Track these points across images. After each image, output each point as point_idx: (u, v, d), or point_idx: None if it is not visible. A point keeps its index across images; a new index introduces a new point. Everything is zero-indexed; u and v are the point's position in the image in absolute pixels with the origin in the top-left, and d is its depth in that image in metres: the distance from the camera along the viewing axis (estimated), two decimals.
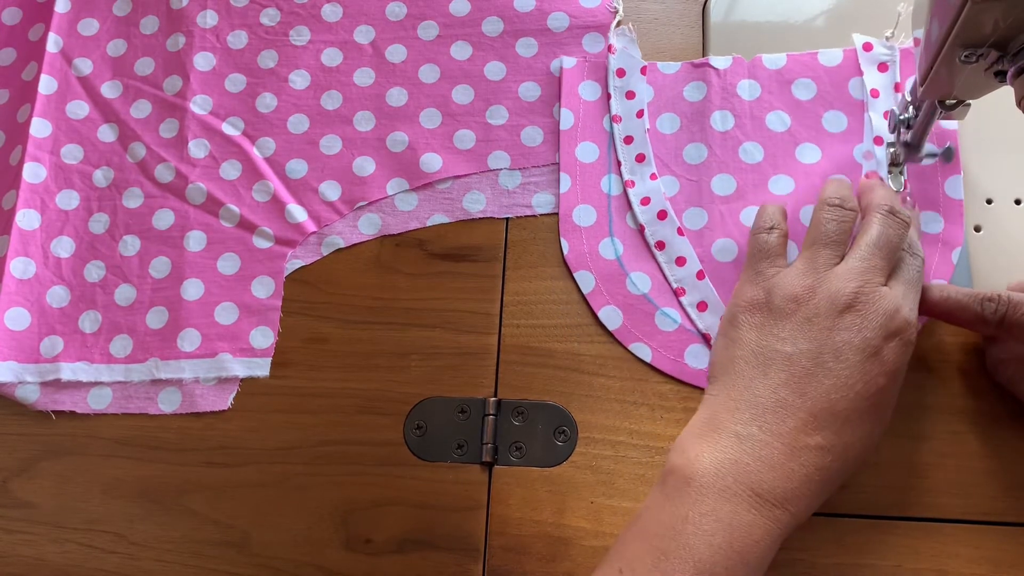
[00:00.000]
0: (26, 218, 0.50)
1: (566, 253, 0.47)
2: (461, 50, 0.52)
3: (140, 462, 0.46)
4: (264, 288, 0.48)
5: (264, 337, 0.47)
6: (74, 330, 0.48)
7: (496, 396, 0.45)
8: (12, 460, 0.47)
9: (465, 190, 0.49)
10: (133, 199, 0.51)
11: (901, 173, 0.45)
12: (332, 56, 0.53)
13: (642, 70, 0.49)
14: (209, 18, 0.54)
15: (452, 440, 0.44)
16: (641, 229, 0.47)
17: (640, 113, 0.48)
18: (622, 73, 0.49)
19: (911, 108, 0.41)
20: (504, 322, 0.46)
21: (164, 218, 0.50)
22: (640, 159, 0.48)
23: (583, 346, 0.45)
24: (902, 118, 0.42)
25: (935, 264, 0.43)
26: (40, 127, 0.52)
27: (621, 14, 0.51)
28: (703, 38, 0.51)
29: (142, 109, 0.53)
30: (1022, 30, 0.31)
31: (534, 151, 0.49)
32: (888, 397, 0.37)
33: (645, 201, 0.47)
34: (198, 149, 0.51)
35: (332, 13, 0.54)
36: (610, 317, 0.45)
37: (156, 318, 0.48)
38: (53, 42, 0.54)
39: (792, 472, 0.35)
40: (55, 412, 0.47)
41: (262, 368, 0.47)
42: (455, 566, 0.42)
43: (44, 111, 0.53)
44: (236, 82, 0.53)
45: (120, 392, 0.47)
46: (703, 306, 0.44)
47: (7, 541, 0.45)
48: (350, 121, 0.51)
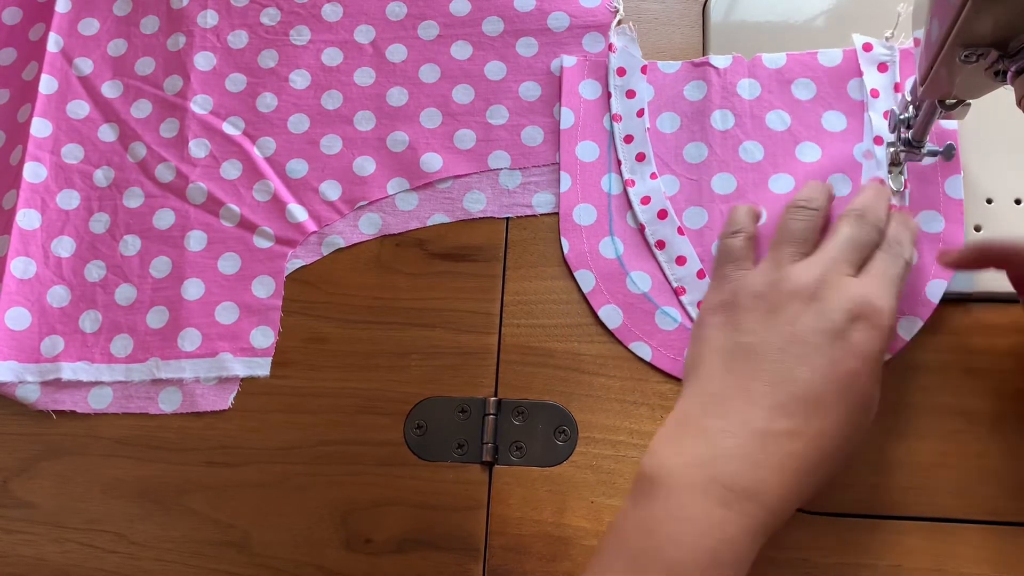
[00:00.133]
0: (26, 218, 0.50)
1: (566, 252, 0.47)
2: (461, 50, 0.52)
3: (140, 462, 0.46)
4: (264, 288, 0.48)
5: (264, 337, 0.47)
6: (74, 330, 0.48)
7: (496, 396, 0.45)
8: (12, 460, 0.47)
9: (465, 190, 0.49)
10: (134, 199, 0.51)
11: (901, 173, 0.45)
12: (332, 56, 0.53)
13: (642, 69, 0.49)
14: (209, 18, 0.54)
15: (452, 440, 0.44)
16: (641, 228, 0.47)
17: (640, 112, 0.48)
18: (622, 72, 0.49)
19: (911, 108, 0.41)
20: (504, 322, 0.46)
21: (164, 218, 0.50)
22: (640, 158, 0.48)
23: (583, 346, 0.45)
24: (902, 118, 0.42)
25: (935, 264, 0.43)
26: (40, 127, 0.52)
27: (621, 13, 0.51)
28: (703, 38, 0.51)
29: (142, 109, 0.53)
30: (1022, 30, 0.31)
31: (534, 151, 0.49)
32: (864, 383, 0.35)
33: (645, 200, 0.47)
34: (198, 149, 0.51)
35: (332, 13, 0.54)
36: (610, 316, 0.45)
37: (156, 318, 0.48)
38: (53, 42, 0.54)
39: (760, 461, 0.33)
40: (55, 412, 0.47)
41: (262, 368, 0.47)
42: (455, 566, 0.42)
43: (44, 111, 0.53)
44: (236, 82, 0.53)
45: (120, 392, 0.47)
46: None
47: (7, 541, 0.45)
48: (350, 121, 0.51)
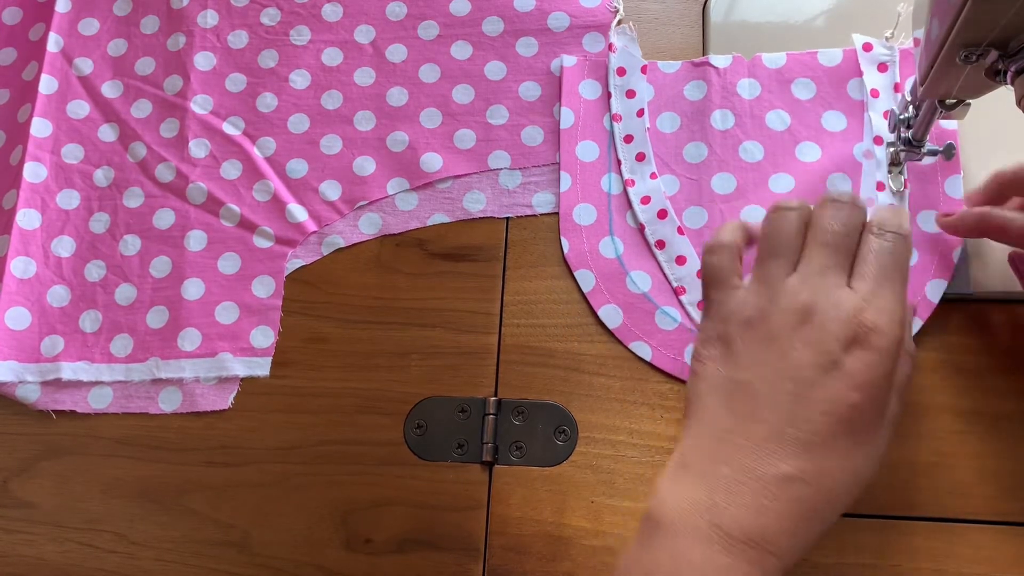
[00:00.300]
0: (27, 218, 0.50)
1: (566, 252, 0.47)
2: (461, 50, 0.52)
3: (140, 462, 0.46)
4: (264, 288, 0.48)
5: (264, 337, 0.47)
6: (75, 330, 0.48)
7: (496, 396, 0.45)
8: (12, 460, 0.47)
9: (465, 190, 0.49)
10: (134, 199, 0.51)
11: (901, 173, 0.45)
12: (332, 56, 0.53)
13: (642, 69, 0.49)
14: (210, 18, 0.54)
15: (452, 440, 0.44)
16: (641, 228, 0.47)
17: (640, 112, 0.49)
18: (622, 72, 0.49)
19: (911, 108, 0.41)
20: (504, 322, 0.46)
21: (165, 218, 0.50)
22: (640, 158, 0.48)
23: (583, 346, 0.45)
24: (902, 118, 0.42)
25: (935, 264, 0.43)
26: (41, 127, 0.52)
27: (621, 13, 0.51)
28: (703, 38, 0.51)
29: (143, 109, 0.53)
30: (1022, 30, 0.31)
31: (534, 151, 0.49)
32: (867, 416, 0.33)
33: (645, 200, 0.47)
34: (199, 149, 0.51)
35: (332, 13, 0.54)
36: (610, 316, 0.45)
37: (156, 317, 0.48)
38: (54, 42, 0.54)
39: (764, 507, 0.32)
40: (55, 412, 0.47)
41: (262, 368, 0.47)
42: (455, 566, 0.42)
43: (45, 111, 0.53)
44: (236, 82, 0.53)
45: (120, 391, 0.47)
46: (703, 305, 0.44)
47: (7, 541, 0.45)
48: (350, 121, 0.51)
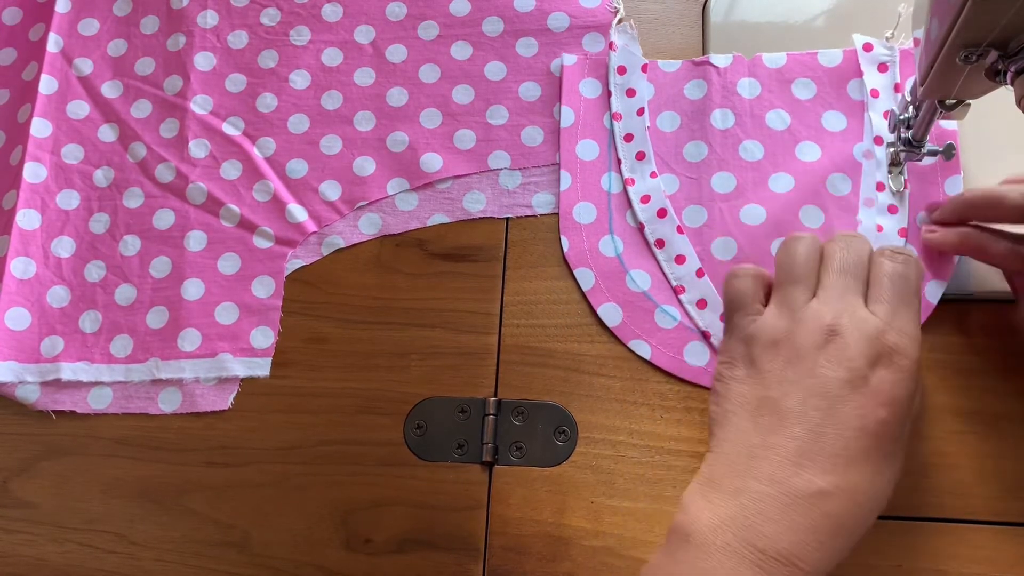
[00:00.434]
0: (26, 218, 0.50)
1: (566, 250, 0.47)
2: (461, 50, 0.52)
3: (140, 462, 0.46)
4: (264, 288, 0.48)
5: (264, 337, 0.47)
6: (74, 330, 0.48)
7: (496, 396, 0.45)
8: (12, 460, 0.47)
9: (465, 190, 0.49)
10: (133, 199, 0.51)
11: (901, 173, 0.45)
12: (332, 56, 0.53)
13: (643, 68, 0.49)
14: (209, 18, 0.54)
15: (452, 440, 0.44)
16: (641, 227, 0.47)
17: (641, 111, 0.49)
18: (623, 70, 0.49)
19: (911, 108, 0.41)
20: (504, 322, 0.46)
21: (164, 218, 0.50)
22: (640, 157, 0.48)
23: (583, 346, 0.45)
24: (902, 118, 0.42)
25: (935, 264, 0.43)
26: (40, 127, 0.52)
27: (622, 13, 0.51)
28: (703, 38, 0.51)
29: (142, 109, 0.53)
30: (1022, 30, 0.31)
31: (534, 151, 0.49)
32: (894, 430, 0.34)
33: (645, 199, 0.47)
34: (198, 149, 0.51)
35: (332, 13, 0.54)
36: (609, 314, 0.45)
37: (156, 318, 0.48)
38: (53, 42, 0.54)
39: (795, 523, 0.32)
40: (55, 412, 0.47)
41: (262, 368, 0.47)
42: (455, 566, 0.42)
43: (44, 111, 0.53)
44: (236, 82, 0.53)
45: (120, 392, 0.47)
46: (702, 304, 0.44)
47: (7, 541, 0.45)
48: (350, 121, 0.51)
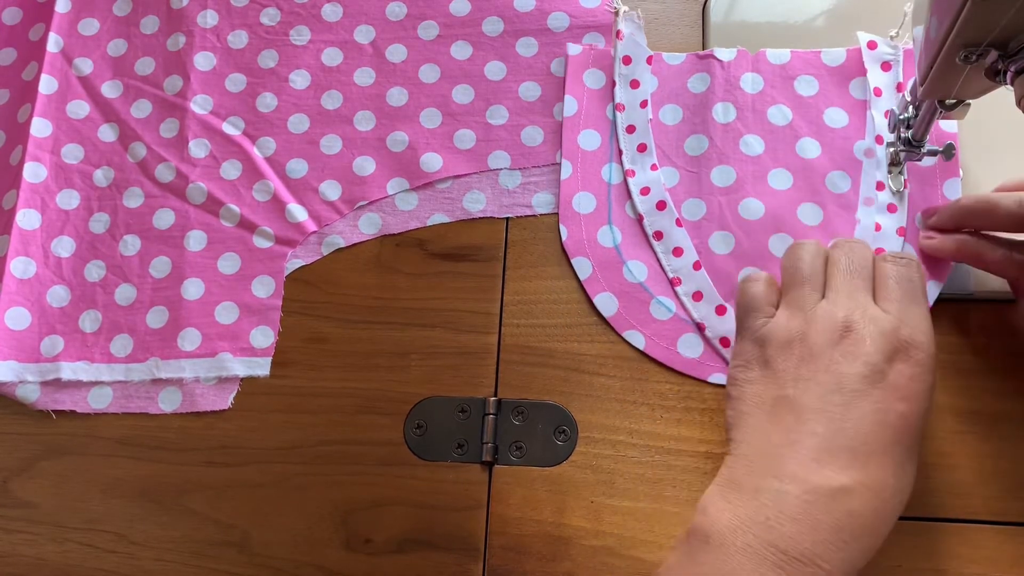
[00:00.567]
0: (26, 218, 0.50)
1: (564, 239, 0.47)
2: (461, 50, 0.52)
3: (140, 462, 0.46)
4: (264, 288, 0.48)
5: (264, 337, 0.47)
6: (74, 330, 0.48)
7: (496, 396, 0.45)
8: (12, 460, 0.47)
9: (465, 190, 0.49)
10: (133, 199, 0.51)
11: (901, 173, 0.45)
12: (332, 56, 0.53)
13: (648, 59, 0.50)
14: (209, 18, 0.54)
15: (452, 440, 0.44)
16: (640, 218, 0.47)
17: (644, 103, 0.49)
18: (628, 60, 0.49)
19: (911, 108, 0.41)
20: (504, 322, 0.46)
21: (164, 218, 0.50)
22: (642, 149, 0.48)
23: (583, 346, 0.45)
24: (902, 118, 0.42)
25: (932, 265, 0.43)
26: (40, 127, 0.52)
27: (623, 12, 0.51)
28: (703, 38, 0.51)
29: (142, 109, 0.53)
30: (1022, 30, 0.31)
31: (534, 151, 0.49)
32: (914, 424, 0.34)
33: (645, 191, 0.47)
34: (198, 149, 0.51)
35: (332, 13, 0.54)
36: (605, 304, 0.45)
37: (156, 318, 0.48)
38: (53, 42, 0.54)
39: (818, 522, 0.31)
40: (55, 411, 0.47)
41: (262, 368, 0.47)
42: (455, 566, 0.42)
43: (44, 111, 0.53)
44: (236, 82, 0.53)
45: (120, 391, 0.47)
46: (698, 296, 0.45)
47: (7, 541, 0.45)
48: (350, 121, 0.51)
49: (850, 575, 0.32)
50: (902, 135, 0.43)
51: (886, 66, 0.47)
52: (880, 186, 0.45)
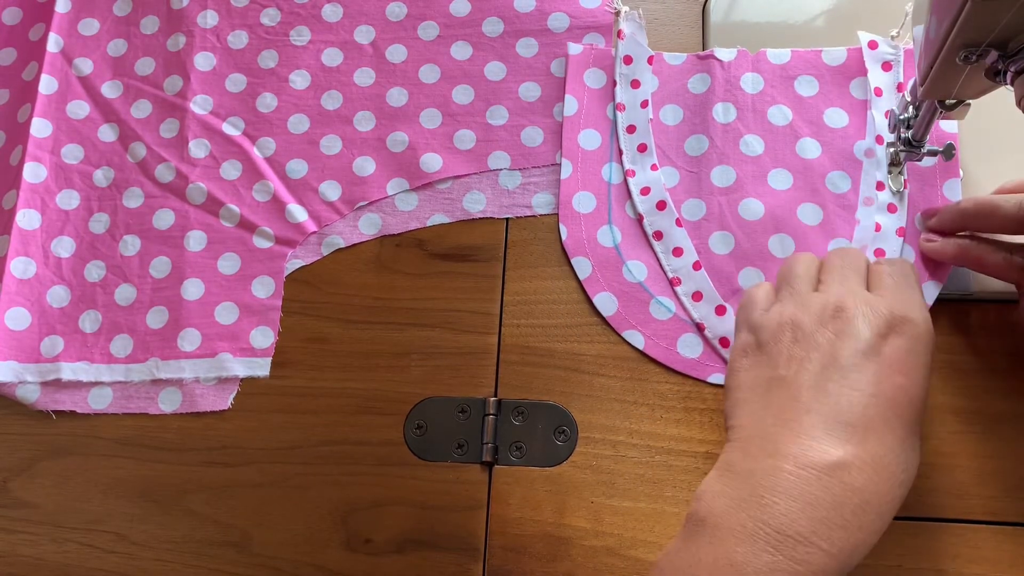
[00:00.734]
0: (26, 218, 0.50)
1: (564, 239, 0.47)
2: (461, 50, 0.52)
3: (140, 462, 0.46)
4: (264, 288, 0.48)
5: (264, 337, 0.47)
6: (74, 330, 0.48)
7: (496, 396, 0.45)
8: (12, 460, 0.47)
9: (465, 190, 0.49)
10: (133, 199, 0.51)
11: (901, 173, 0.45)
12: (332, 56, 0.53)
13: (648, 59, 0.50)
14: (209, 18, 0.54)
15: (452, 440, 0.44)
16: (640, 218, 0.47)
17: (644, 103, 0.49)
18: (629, 60, 0.49)
19: (911, 108, 0.41)
20: (504, 322, 0.46)
21: (164, 218, 0.50)
22: (642, 149, 0.48)
23: (583, 346, 0.45)
24: (902, 118, 0.42)
25: (935, 264, 0.43)
26: (40, 127, 0.52)
27: (624, 11, 0.51)
28: (703, 38, 0.51)
29: (142, 109, 0.53)
30: (1022, 30, 0.31)
31: (534, 151, 0.49)
32: (913, 397, 0.33)
33: (645, 191, 0.47)
34: (198, 149, 0.51)
35: (332, 13, 0.54)
36: (605, 304, 0.46)
37: (156, 318, 0.48)
38: (53, 42, 0.54)
39: (815, 499, 0.30)
40: (55, 412, 0.47)
41: (262, 368, 0.47)
42: (455, 566, 0.42)
43: (44, 111, 0.53)
44: (236, 82, 0.53)
45: (120, 392, 0.47)
46: (698, 296, 0.45)
47: (7, 541, 0.45)
48: (350, 121, 0.51)
49: (853, 557, 0.31)
50: (902, 135, 0.43)
51: (887, 66, 0.47)
52: (880, 186, 0.45)
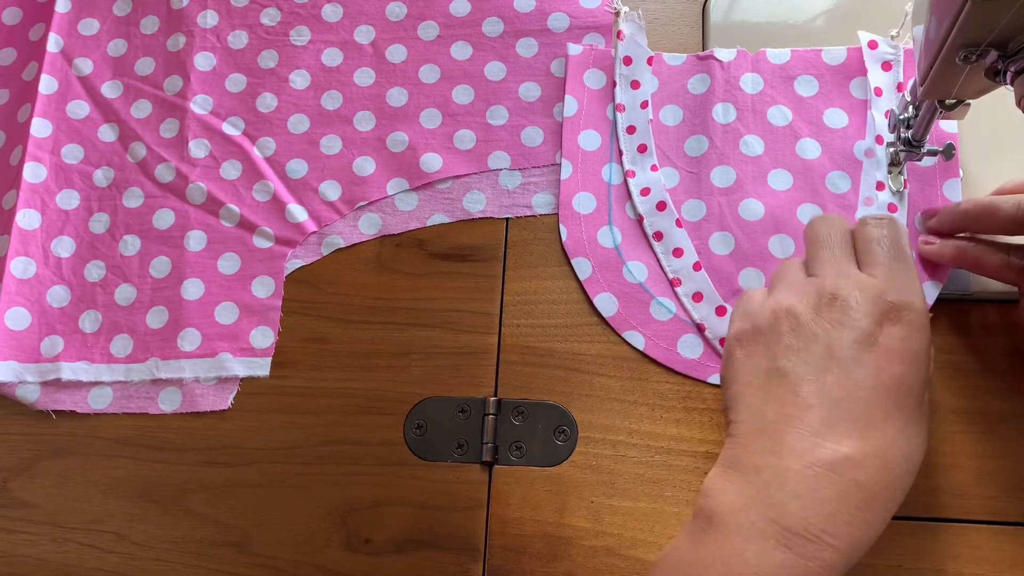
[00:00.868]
0: (26, 218, 0.50)
1: (564, 239, 0.47)
2: (461, 50, 0.52)
3: (140, 462, 0.46)
4: (264, 288, 0.48)
5: (264, 337, 0.47)
6: (74, 330, 0.48)
7: (496, 396, 0.45)
8: (12, 460, 0.47)
9: (465, 190, 0.49)
10: (133, 199, 0.51)
11: (901, 173, 0.45)
12: (332, 56, 0.53)
13: (648, 60, 0.50)
14: (209, 18, 0.54)
15: (452, 440, 0.44)
16: (640, 219, 0.47)
17: (644, 104, 0.49)
18: (629, 61, 0.49)
19: (911, 108, 0.41)
20: (504, 322, 0.46)
21: (164, 218, 0.50)
22: (642, 150, 0.48)
23: (583, 346, 0.45)
24: (902, 118, 0.42)
25: (934, 264, 0.43)
26: (40, 127, 0.52)
27: (624, 11, 0.51)
28: (703, 38, 0.51)
29: (142, 109, 0.53)
30: (1022, 30, 0.31)
31: (534, 151, 0.49)
32: (913, 385, 0.33)
33: (645, 191, 0.47)
34: (198, 149, 0.51)
35: (332, 13, 0.54)
36: (605, 304, 0.46)
37: (156, 318, 0.48)
38: (53, 42, 0.54)
39: (823, 496, 0.31)
40: (55, 412, 0.47)
41: (262, 368, 0.47)
42: (455, 566, 0.42)
43: (44, 111, 0.53)
44: (236, 82, 0.53)
45: (120, 392, 0.47)
46: (698, 297, 0.45)
47: (7, 541, 0.45)
48: (350, 121, 0.51)
49: (859, 550, 0.31)
50: (902, 135, 0.43)
51: (887, 66, 0.47)
52: (880, 186, 0.45)
